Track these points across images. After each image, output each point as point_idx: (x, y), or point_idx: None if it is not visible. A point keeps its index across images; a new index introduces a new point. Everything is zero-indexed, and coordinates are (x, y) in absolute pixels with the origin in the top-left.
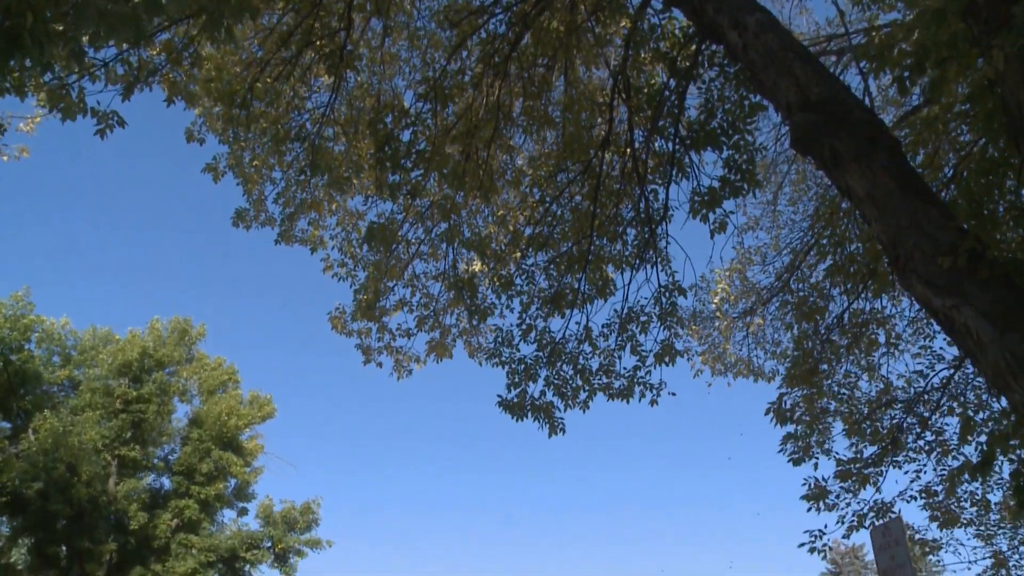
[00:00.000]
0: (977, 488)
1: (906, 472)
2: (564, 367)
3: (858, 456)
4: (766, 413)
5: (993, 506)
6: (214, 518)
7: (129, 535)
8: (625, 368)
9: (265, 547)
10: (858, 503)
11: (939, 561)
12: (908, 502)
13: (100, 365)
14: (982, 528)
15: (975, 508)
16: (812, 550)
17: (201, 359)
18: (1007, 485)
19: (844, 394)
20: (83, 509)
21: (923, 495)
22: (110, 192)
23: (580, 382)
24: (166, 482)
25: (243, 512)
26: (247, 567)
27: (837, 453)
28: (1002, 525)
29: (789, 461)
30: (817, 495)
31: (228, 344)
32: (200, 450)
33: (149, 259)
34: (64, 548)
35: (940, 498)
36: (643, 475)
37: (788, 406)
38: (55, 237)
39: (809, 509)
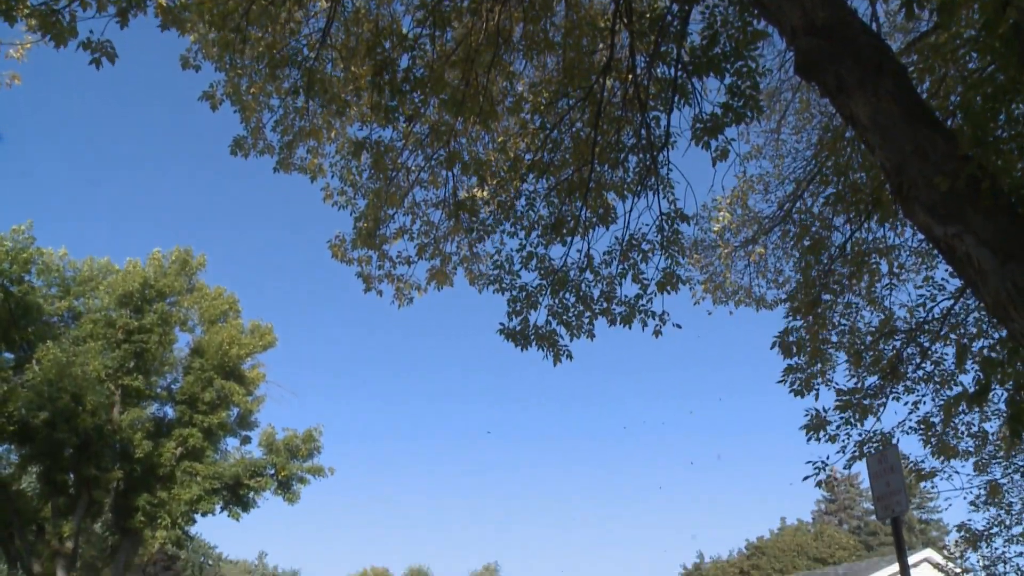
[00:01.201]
0: (974, 418)
1: (905, 403)
2: (567, 296)
3: (858, 387)
4: (772, 347)
5: (990, 436)
6: (217, 446)
7: (134, 463)
8: (626, 296)
9: (268, 474)
10: (859, 434)
11: (934, 487)
12: (907, 433)
13: (101, 296)
14: (978, 458)
15: (972, 439)
16: (819, 484)
17: (201, 289)
18: (1003, 415)
19: (845, 325)
20: (89, 438)
21: (921, 426)
22: (107, 124)
23: (582, 309)
24: (169, 411)
25: (246, 440)
26: (251, 494)
27: (838, 384)
28: (997, 455)
29: (791, 393)
30: (817, 426)
31: (228, 274)
32: (202, 379)
33: (148, 190)
34: (72, 476)
35: (938, 429)
36: (642, 404)
37: (793, 339)
38: (52, 169)
39: (809, 440)
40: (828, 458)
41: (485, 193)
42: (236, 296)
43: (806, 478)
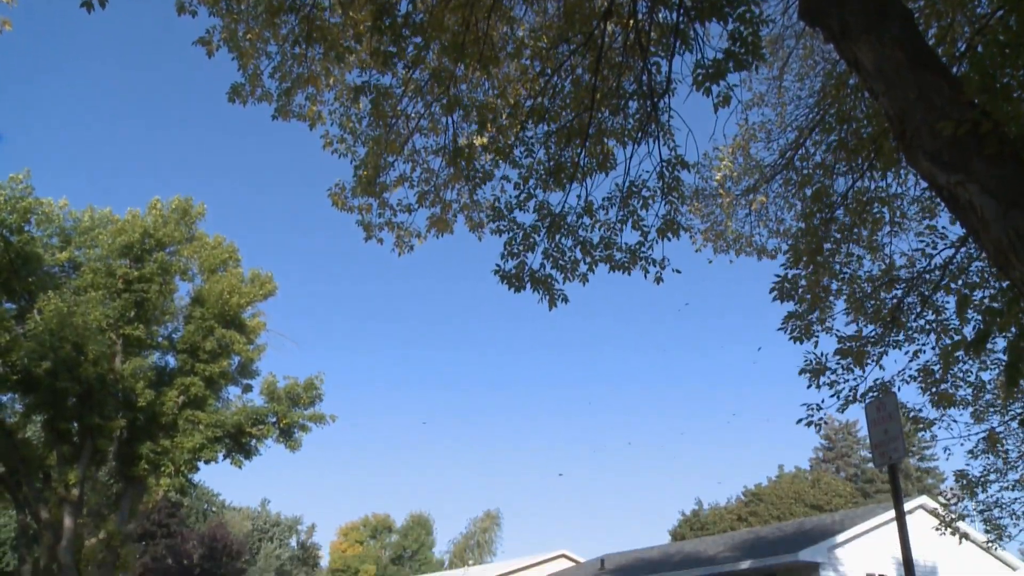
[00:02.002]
0: (973, 367)
1: (905, 352)
2: (563, 240)
3: (858, 334)
4: (771, 292)
5: (987, 385)
6: (219, 395)
7: (137, 412)
8: (626, 243)
9: (270, 422)
10: (855, 379)
11: (933, 438)
12: (907, 383)
13: (101, 246)
14: (977, 407)
15: (971, 388)
16: (809, 423)
17: (201, 238)
18: (1001, 364)
19: (847, 273)
20: (91, 387)
21: (921, 375)
22: (103, 73)
23: (580, 255)
24: (171, 360)
25: (247, 389)
26: (253, 442)
27: (838, 331)
28: (995, 405)
29: (791, 339)
30: (816, 370)
31: (228, 224)
32: (203, 328)
33: (146, 140)
34: (75, 424)
35: (937, 378)
36: (641, 352)
37: (791, 285)
38: (49, 121)
39: (809, 386)
40: (823, 402)
41: (485, 140)
42: (236, 245)
43: (799, 421)
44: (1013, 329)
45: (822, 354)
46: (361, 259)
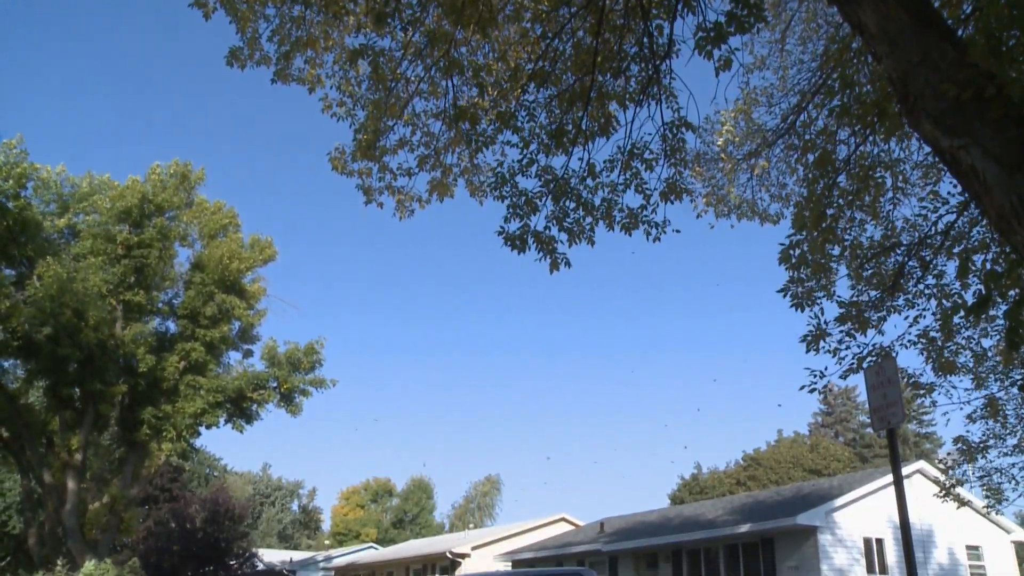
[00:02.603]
0: (975, 334)
1: (906, 317)
2: (567, 202)
3: (858, 300)
4: (779, 262)
5: (988, 352)
6: (220, 360)
7: (138, 377)
8: (628, 207)
9: (271, 387)
10: (858, 346)
11: (932, 404)
12: (906, 347)
13: (100, 211)
14: (978, 372)
15: (970, 353)
16: (812, 390)
17: (201, 203)
18: (1002, 330)
19: (849, 239)
20: (92, 352)
21: (921, 339)
22: (96, 39)
23: (583, 215)
24: (171, 326)
25: (248, 354)
26: (254, 406)
27: (839, 296)
28: (996, 371)
29: (792, 306)
30: (817, 336)
31: (227, 189)
32: (203, 293)
33: (142, 107)
34: (77, 390)
35: (939, 343)
36: (641, 320)
37: (796, 253)
38: (43, 86)
39: (808, 350)
40: (827, 369)
41: (485, 103)
42: (235, 210)
43: (803, 388)
44: (1014, 293)
45: (825, 321)
46: (362, 225)
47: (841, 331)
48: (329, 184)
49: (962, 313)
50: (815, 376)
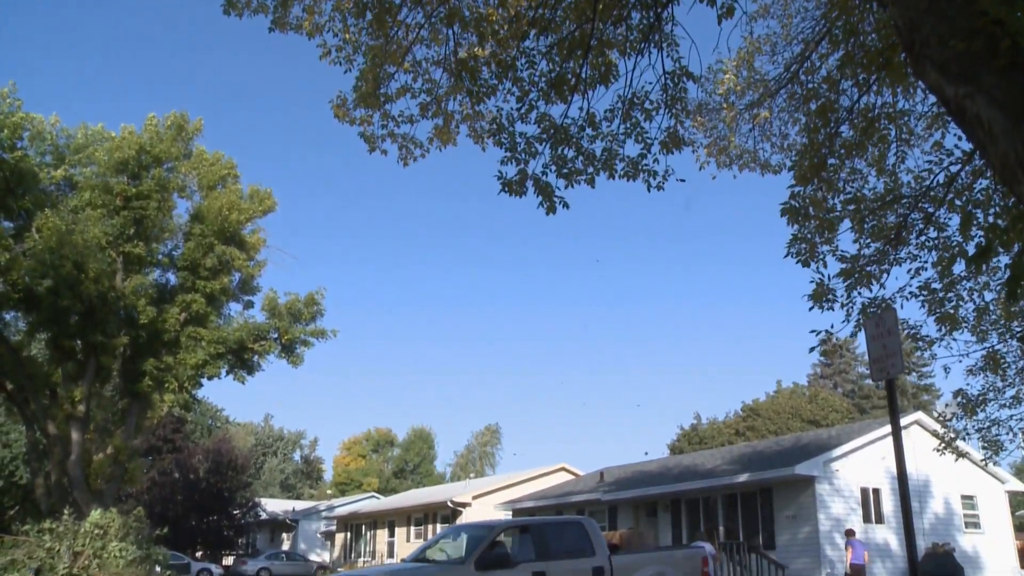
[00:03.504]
0: (975, 286)
1: (909, 270)
2: (566, 150)
3: (860, 253)
4: (782, 215)
5: (990, 306)
6: (221, 311)
7: (139, 329)
8: (628, 155)
9: (272, 338)
10: (863, 301)
11: (932, 356)
12: (907, 299)
13: (97, 163)
14: (978, 325)
15: (972, 306)
16: (824, 352)
17: (199, 154)
18: (1003, 282)
19: (851, 191)
20: (93, 305)
21: (923, 291)
22: None
23: (582, 165)
24: (171, 278)
25: (248, 305)
26: (255, 357)
27: (843, 251)
28: (997, 325)
29: (797, 263)
30: (822, 294)
31: (225, 141)
32: (203, 245)
33: (137, 57)
34: (78, 342)
35: (940, 295)
36: (643, 270)
37: (800, 205)
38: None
39: (812, 308)
40: (832, 327)
41: (486, 52)
42: (234, 161)
43: (812, 349)
44: (1017, 245)
45: (829, 276)
46: (361, 176)
47: (846, 286)
48: (329, 135)
49: (963, 263)
50: (825, 338)
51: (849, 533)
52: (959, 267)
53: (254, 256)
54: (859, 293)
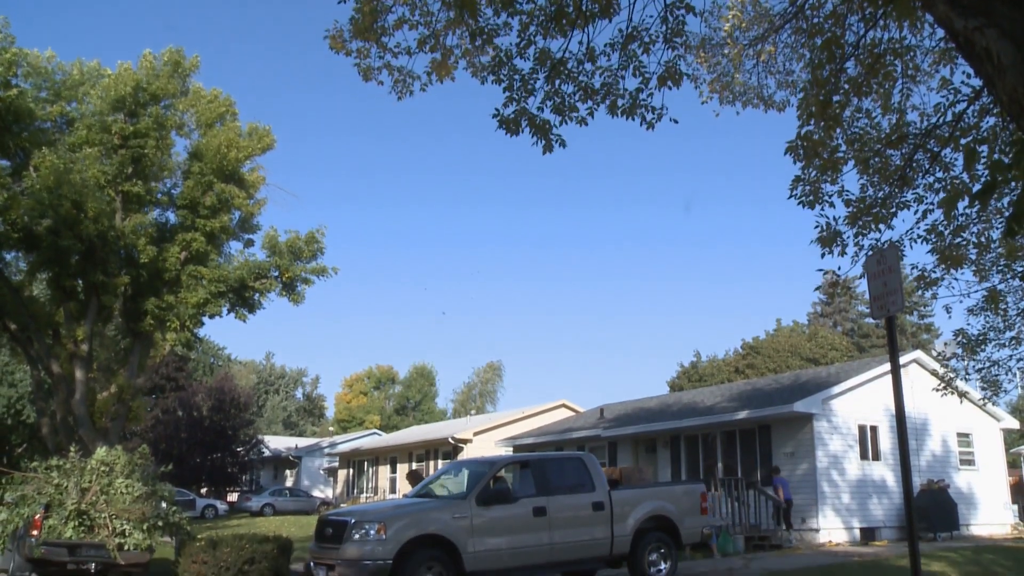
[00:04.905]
0: (978, 227)
1: (914, 212)
2: (564, 85)
3: (867, 195)
4: (786, 152)
5: (992, 244)
6: (221, 250)
7: (140, 268)
8: (627, 89)
9: (272, 276)
10: (870, 245)
11: (934, 296)
12: (915, 242)
13: (93, 100)
14: (980, 264)
15: (973, 243)
16: (832, 295)
17: (197, 92)
18: (1005, 219)
19: (856, 130)
20: (93, 244)
21: (929, 234)
22: None
23: (580, 100)
24: (171, 216)
25: (249, 243)
26: (256, 296)
27: (848, 193)
28: (998, 263)
29: (799, 204)
30: (831, 239)
31: (223, 79)
32: (202, 183)
33: None
34: (80, 281)
35: (948, 241)
36: (644, 210)
37: (806, 144)
38: None
39: (824, 254)
40: (839, 268)
41: None
42: (232, 98)
43: (817, 287)
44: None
45: (834, 219)
46: (361, 117)
47: (852, 230)
48: (326, 73)
49: (967, 201)
50: (834, 280)
51: (775, 471)
52: (964, 207)
53: (254, 194)
54: (864, 236)
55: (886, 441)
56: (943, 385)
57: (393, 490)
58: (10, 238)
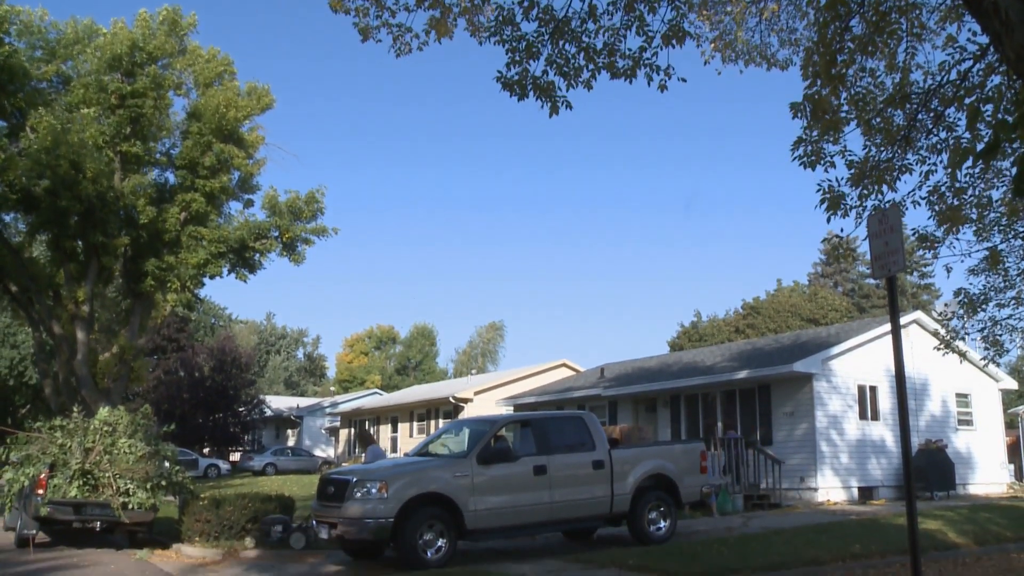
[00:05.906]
0: (979, 190)
1: (919, 174)
2: (567, 46)
3: (870, 156)
4: (793, 117)
5: (994, 203)
6: (221, 210)
7: (140, 229)
8: (630, 49)
9: (272, 236)
10: (874, 207)
11: (935, 255)
12: (917, 204)
13: (89, 60)
14: (981, 224)
15: (974, 202)
16: (836, 259)
17: (194, 51)
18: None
19: (861, 89)
20: (92, 205)
21: (932, 196)
22: None
23: (583, 61)
24: (170, 177)
25: (249, 204)
26: (256, 256)
27: (852, 152)
28: (1000, 223)
29: (801, 165)
30: (834, 201)
31: (221, 38)
32: (201, 143)
33: None
34: (80, 243)
35: (950, 203)
36: (644, 172)
37: (812, 104)
38: None
39: (829, 219)
40: (843, 230)
41: None
42: (231, 57)
43: (822, 250)
44: None
45: (837, 179)
46: (361, 78)
47: (857, 193)
48: (326, 37)
49: (971, 161)
50: (837, 242)
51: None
52: (967, 168)
53: (253, 154)
54: (868, 197)
55: (885, 401)
56: (943, 344)
57: (395, 449)
58: (9, 199)
